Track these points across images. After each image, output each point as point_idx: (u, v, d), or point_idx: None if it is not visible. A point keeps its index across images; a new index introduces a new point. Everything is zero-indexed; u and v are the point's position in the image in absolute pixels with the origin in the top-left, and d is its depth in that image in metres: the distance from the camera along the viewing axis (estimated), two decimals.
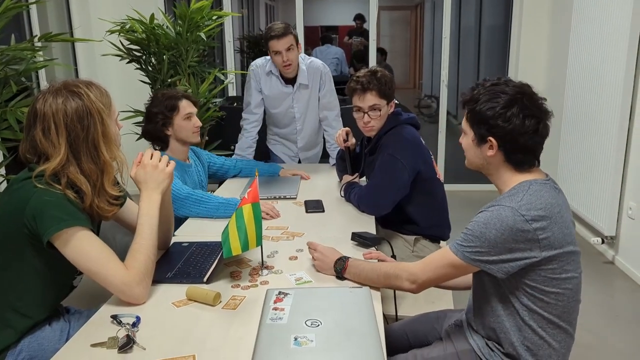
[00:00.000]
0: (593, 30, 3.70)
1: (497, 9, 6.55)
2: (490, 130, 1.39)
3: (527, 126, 1.37)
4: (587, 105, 3.77)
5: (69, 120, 1.45)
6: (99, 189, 1.51)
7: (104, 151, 1.50)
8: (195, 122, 2.42)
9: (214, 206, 2.22)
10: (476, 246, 1.35)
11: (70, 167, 1.46)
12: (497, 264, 1.34)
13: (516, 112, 1.36)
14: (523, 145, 1.39)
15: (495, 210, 1.34)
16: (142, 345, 1.29)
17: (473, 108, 1.42)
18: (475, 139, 1.44)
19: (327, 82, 3.14)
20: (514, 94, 1.38)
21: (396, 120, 2.34)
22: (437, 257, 1.46)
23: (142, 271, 1.48)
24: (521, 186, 1.39)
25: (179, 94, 2.42)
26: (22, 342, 1.50)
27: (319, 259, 1.69)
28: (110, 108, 1.54)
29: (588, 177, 3.75)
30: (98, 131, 1.48)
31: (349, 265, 1.62)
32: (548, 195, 1.37)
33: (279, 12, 11.51)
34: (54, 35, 2.37)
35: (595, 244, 3.65)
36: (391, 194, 2.24)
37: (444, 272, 1.44)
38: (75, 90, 1.48)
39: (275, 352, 1.20)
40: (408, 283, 1.50)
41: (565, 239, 1.36)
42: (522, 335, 1.41)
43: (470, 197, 4.65)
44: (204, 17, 3.17)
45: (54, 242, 1.42)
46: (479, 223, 1.36)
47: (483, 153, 1.44)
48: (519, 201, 1.34)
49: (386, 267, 1.56)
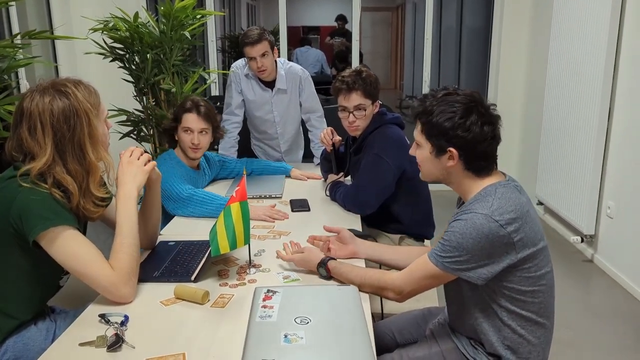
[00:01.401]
0: (572, 33, 3.77)
1: (478, 10, 6.62)
2: (451, 141, 1.39)
3: (485, 133, 1.38)
4: (567, 106, 3.84)
5: (55, 120, 1.43)
6: (85, 190, 1.50)
7: (90, 152, 1.48)
8: (193, 138, 2.37)
9: (216, 207, 2.21)
10: (454, 256, 1.36)
11: (56, 167, 1.45)
12: (476, 270, 1.35)
13: (474, 120, 1.37)
14: (482, 152, 1.40)
15: (470, 219, 1.34)
16: (131, 344, 1.29)
17: (429, 120, 1.41)
18: (434, 151, 1.44)
19: (306, 87, 3.15)
20: (467, 102, 1.39)
21: (381, 120, 2.37)
22: (418, 269, 1.46)
23: (127, 270, 1.47)
24: (487, 190, 1.40)
25: (190, 106, 2.39)
26: (7, 342, 1.49)
27: (302, 266, 1.69)
28: (98, 108, 1.52)
29: (567, 177, 3.82)
30: (84, 132, 1.47)
31: (332, 270, 1.61)
32: (514, 196, 1.39)
33: (261, 12, 11.49)
34: (37, 33, 2.34)
35: (575, 242, 3.72)
36: (376, 193, 2.26)
37: (426, 283, 1.45)
38: (62, 89, 1.46)
39: (266, 349, 1.21)
40: (393, 294, 1.51)
41: (536, 236, 1.39)
42: (501, 335, 1.43)
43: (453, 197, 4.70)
44: (188, 16, 3.15)
45: (39, 242, 1.41)
46: (455, 233, 1.36)
47: (442, 164, 1.44)
48: (490, 206, 1.34)
49: (372, 277, 1.55)
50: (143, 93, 3.33)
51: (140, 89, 3.30)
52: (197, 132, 2.37)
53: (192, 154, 2.42)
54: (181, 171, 2.37)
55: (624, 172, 3.28)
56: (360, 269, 1.60)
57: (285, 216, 2.23)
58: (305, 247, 1.74)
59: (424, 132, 1.45)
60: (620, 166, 3.32)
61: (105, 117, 1.56)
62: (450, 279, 1.42)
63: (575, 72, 3.72)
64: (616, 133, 3.36)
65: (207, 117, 2.40)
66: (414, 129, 1.50)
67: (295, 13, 11.04)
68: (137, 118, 3.41)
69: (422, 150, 1.48)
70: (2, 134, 2.21)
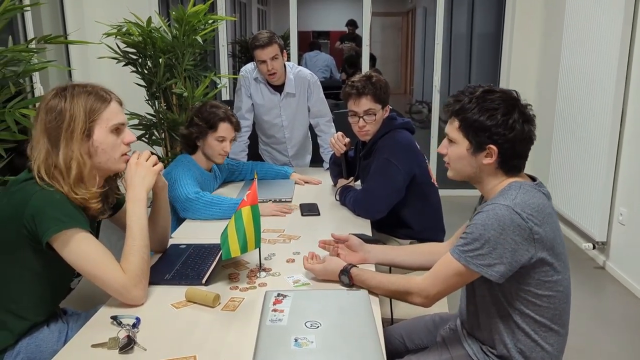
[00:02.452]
0: (585, 37, 3.75)
1: (489, 15, 6.62)
2: (492, 138, 1.39)
3: (526, 132, 1.39)
4: (579, 111, 3.82)
5: (47, 119, 1.47)
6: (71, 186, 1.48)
7: (62, 150, 1.46)
8: (225, 146, 2.45)
9: (227, 207, 2.23)
10: (476, 249, 1.35)
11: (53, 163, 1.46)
12: (496, 267, 1.34)
13: (517, 118, 1.38)
14: (520, 151, 1.41)
15: (491, 210, 1.35)
16: (142, 346, 1.30)
17: (468, 117, 1.41)
18: (472, 148, 1.43)
19: (315, 92, 3.16)
20: (508, 100, 1.40)
21: (391, 124, 2.37)
22: (442, 268, 1.44)
23: (137, 273, 1.48)
24: (512, 185, 1.40)
25: (223, 114, 2.44)
26: (19, 344, 1.50)
27: (322, 277, 1.66)
28: (96, 115, 1.50)
29: (579, 182, 3.79)
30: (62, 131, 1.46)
31: (354, 278, 1.59)
32: (539, 196, 1.39)
33: (271, 17, 11.54)
34: (53, 38, 2.37)
35: (586, 249, 3.69)
36: (386, 198, 2.26)
37: (452, 282, 1.42)
38: (64, 92, 1.49)
39: (276, 353, 1.21)
40: (420, 299, 1.48)
41: (556, 239, 1.38)
42: (515, 338, 1.42)
43: (463, 202, 4.68)
44: (200, 21, 3.18)
45: (52, 244, 1.43)
46: (476, 225, 1.36)
47: (479, 161, 1.43)
48: (513, 199, 1.35)
49: (394, 283, 1.52)
50: (155, 97, 3.36)
51: (153, 93, 3.33)
52: (229, 141, 2.45)
53: (220, 160, 2.50)
54: (196, 174, 2.40)
55: (636, 179, 3.25)
56: (383, 275, 1.57)
57: (290, 210, 2.34)
58: (325, 257, 1.72)
59: (461, 129, 1.44)
60: (632, 172, 3.29)
61: (112, 126, 1.53)
62: (474, 277, 1.40)
63: (587, 77, 3.71)
64: (629, 139, 3.33)
65: (237, 126, 2.50)
66: (447, 126, 1.49)
67: (306, 18, 11.08)
68: (149, 122, 3.44)
69: (457, 147, 1.46)
70: (16, 137, 2.24)
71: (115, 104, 1.55)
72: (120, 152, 1.57)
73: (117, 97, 1.57)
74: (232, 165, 2.83)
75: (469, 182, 1.51)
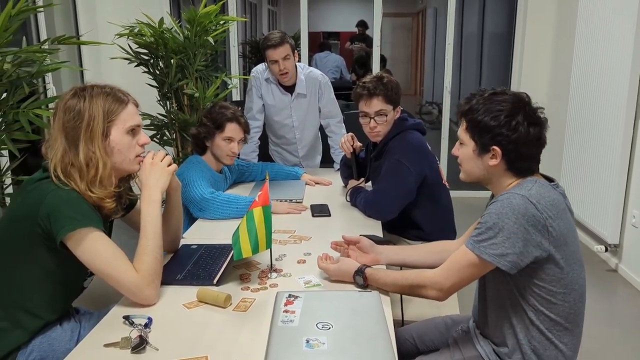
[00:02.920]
0: (597, 38, 3.72)
1: (500, 16, 6.59)
2: (495, 139, 1.39)
3: (531, 134, 1.38)
4: (591, 113, 3.79)
5: (65, 118, 1.48)
6: (87, 185, 1.49)
7: (81, 150, 1.48)
8: (233, 147, 2.45)
9: (244, 205, 2.24)
10: (490, 237, 1.35)
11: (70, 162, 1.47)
12: (510, 256, 1.33)
13: (521, 120, 1.37)
14: (526, 154, 1.40)
15: (506, 199, 1.35)
16: (154, 346, 1.30)
17: (474, 118, 1.41)
18: (477, 149, 1.44)
19: (326, 92, 3.16)
20: (515, 102, 1.39)
21: (402, 125, 2.36)
22: (456, 260, 1.44)
23: (150, 273, 1.49)
24: (528, 180, 1.40)
25: (231, 115, 2.44)
26: (33, 342, 1.51)
27: (336, 277, 1.66)
28: (114, 115, 1.52)
29: (591, 185, 3.76)
30: (81, 131, 1.48)
31: (369, 278, 1.58)
32: (554, 192, 1.39)
33: (281, 18, 11.57)
34: (66, 38, 2.39)
35: (599, 251, 3.66)
36: (397, 199, 2.26)
37: (466, 274, 1.42)
38: (82, 92, 1.51)
39: (288, 354, 1.21)
40: (434, 292, 1.47)
41: (570, 235, 1.38)
42: (529, 335, 1.42)
43: (474, 203, 4.66)
44: (211, 22, 3.19)
45: (66, 242, 1.44)
46: (491, 214, 1.36)
47: (485, 163, 1.43)
48: (529, 190, 1.35)
49: (409, 278, 1.52)
50: (166, 98, 3.38)
51: (164, 93, 3.35)
52: (236, 142, 2.45)
53: (228, 162, 2.50)
54: (207, 175, 2.42)
55: None
56: (396, 272, 1.58)
57: (303, 208, 2.38)
58: (339, 258, 1.71)
59: (468, 130, 1.44)
60: None
61: (128, 127, 1.55)
62: (489, 269, 1.39)
63: (600, 78, 3.67)
64: None
65: (246, 127, 2.50)
66: (459, 127, 1.50)
67: (316, 19, 11.09)
68: (161, 122, 3.46)
69: (465, 148, 1.47)
70: (30, 137, 2.26)
71: (132, 106, 1.57)
72: (135, 153, 1.59)
73: (133, 99, 1.59)
74: (242, 166, 2.84)
75: (480, 184, 1.51)
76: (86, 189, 1.47)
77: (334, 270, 1.65)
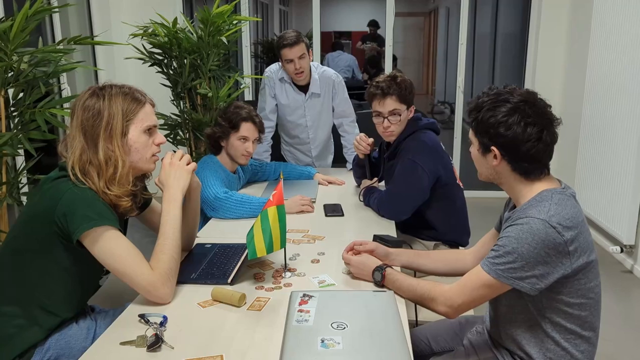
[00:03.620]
0: (613, 38, 3.68)
1: (514, 16, 6.54)
2: (492, 139, 1.38)
3: (528, 134, 1.34)
4: (606, 113, 3.75)
5: (84, 117, 1.49)
6: (105, 183, 1.50)
7: (101, 149, 1.49)
8: (248, 147, 2.46)
9: (258, 205, 2.24)
10: (508, 262, 1.31)
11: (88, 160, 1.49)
12: (530, 280, 1.31)
13: (517, 120, 1.34)
14: (526, 154, 1.36)
15: (526, 224, 1.31)
16: (170, 344, 1.31)
17: (477, 117, 1.40)
18: (480, 149, 1.43)
19: (340, 92, 3.16)
20: (517, 102, 1.36)
21: (416, 125, 2.35)
22: (471, 279, 1.40)
23: (166, 271, 1.50)
24: (543, 195, 1.36)
25: (246, 114, 2.45)
26: (49, 339, 1.52)
27: (356, 271, 1.67)
28: (132, 114, 1.53)
29: (607, 185, 3.72)
30: (101, 129, 1.49)
31: (387, 277, 1.58)
32: (570, 204, 1.35)
33: (293, 18, 11.57)
34: (83, 38, 2.41)
35: (614, 252, 3.63)
36: (411, 199, 2.25)
37: (479, 294, 1.39)
38: (101, 91, 1.52)
39: (303, 354, 1.21)
40: (444, 307, 1.44)
41: (589, 246, 1.35)
42: (544, 347, 1.39)
43: (487, 204, 4.63)
44: (225, 22, 3.20)
45: (83, 241, 1.45)
46: (510, 238, 1.32)
47: (489, 163, 1.42)
48: (547, 212, 1.31)
49: (422, 288, 1.50)
50: (180, 97, 3.39)
51: (178, 93, 3.36)
52: (251, 141, 2.45)
53: (243, 161, 2.51)
54: (222, 175, 2.43)
55: None
56: (413, 279, 1.55)
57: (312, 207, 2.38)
58: (364, 254, 1.70)
59: (473, 128, 1.44)
60: None
61: (145, 127, 1.56)
62: (505, 289, 1.36)
63: (615, 78, 3.63)
64: None
65: (261, 126, 2.51)
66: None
67: (327, 18, 11.09)
68: (174, 122, 3.47)
69: (473, 147, 1.47)
70: (46, 136, 2.28)
71: (149, 106, 1.59)
72: (152, 152, 1.60)
73: (150, 100, 1.61)
74: (255, 166, 2.85)
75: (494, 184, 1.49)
76: (104, 187, 1.49)
77: (356, 262, 1.66)
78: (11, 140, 2.16)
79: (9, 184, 2.31)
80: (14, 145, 2.21)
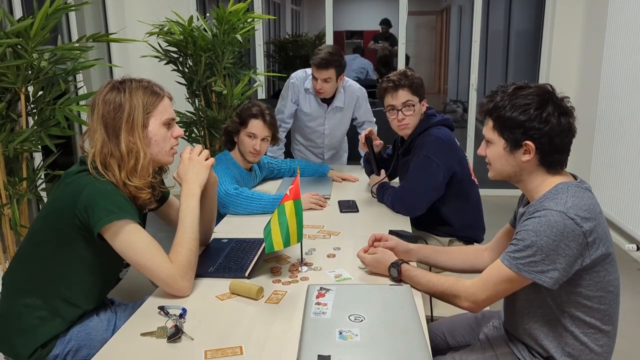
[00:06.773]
0: (629, 36, 3.65)
1: (527, 13, 6.49)
2: (527, 134, 1.36)
3: (563, 124, 1.35)
4: (622, 110, 3.72)
5: (106, 110, 1.52)
6: (126, 175, 1.53)
7: (123, 141, 1.52)
8: (255, 144, 2.43)
9: (268, 202, 2.26)
10: (528, 255, 1.31)
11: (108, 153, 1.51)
12: (550, 272, 1.30)
13: (551, 111, 1.34)
14: (559, 145, 1.37)
15: (544, 216, 1.30)
16: (189, 336, 1.32)
17: (501, 115, 1.39)
18: (508, 146, 1.41)
19: (363, 105, 3.19)
20: (541, 94, 1.36)
21: (430, 121, 2.35)
22: (492, 274, 1.40)
23: (185, 264, 1.52)
24: (559, 188, 1.36)
25: (256, 112, 2.44)
26: (71, 331, 1.55)
27: (372, 268, 1.67)
28: (152, 108, 1.56)
29: (622, 182, 3.69)
30: (122, 122, 1.52)
31: (404, 273, 1.58)
32: (587, 196, 1.35)
33: (305, 17, 11.58)
34: (101, 36, 2.45)
35: (630, 250, 3.59)
36: (426, 195, 2.25)
37: (502, 289, 1.38)
38: (121, 85, 1.54)
39: (322, 345, 1.22)
40: (467, 303, 1.44)
41: (607, 238, 1.35)
42: (562, 342, 1.39)
43: (501, 202, 4.61)
44: (239, 20, 3.22)
45: (103, 234, 1.47)
46: (528, 231, 1.32)
47: (517, 159, 1.40)
48: (565, 203, 1.30)
49: (444, 284, 1.49)
50: (195, 95, 3.42)
51: (193, 91, 3.39)
52: (260, 139, 2.44)
53: (251, 159, 2.50)
54: (235, 172, 2.44)
55: None
56: (432, 275, 1.55)
57: (325, 203, 2.38)
58: (379, 249, 1.70)
59: (495, 128, 1.42)
60: None
61: (164, 120, 1.59)
62: (526, 283, 1.36)
63: (630, 75, 3.60)
64: None
65: (271, 125, 2.47)
66: (484, 127, 1.47)
67: (339, 17, 11.05)
68: (189, 119, 3.50)
69: (495, 147, 1.44)
70: (66, 132, 2.31)
71: (167, 100, 1.61)
72: (170, 145, 1.62)
73: (168, 93, 1.63)
74: (271, 164, 2.86)
75: (509, 181, 1.48)
76: (125, 178, 1.51)
77: (372, 260, 1.66)
78: (32, 136, 2.20)
79: (29, 180, 2.35)
80: (35, 142, 2.24)
